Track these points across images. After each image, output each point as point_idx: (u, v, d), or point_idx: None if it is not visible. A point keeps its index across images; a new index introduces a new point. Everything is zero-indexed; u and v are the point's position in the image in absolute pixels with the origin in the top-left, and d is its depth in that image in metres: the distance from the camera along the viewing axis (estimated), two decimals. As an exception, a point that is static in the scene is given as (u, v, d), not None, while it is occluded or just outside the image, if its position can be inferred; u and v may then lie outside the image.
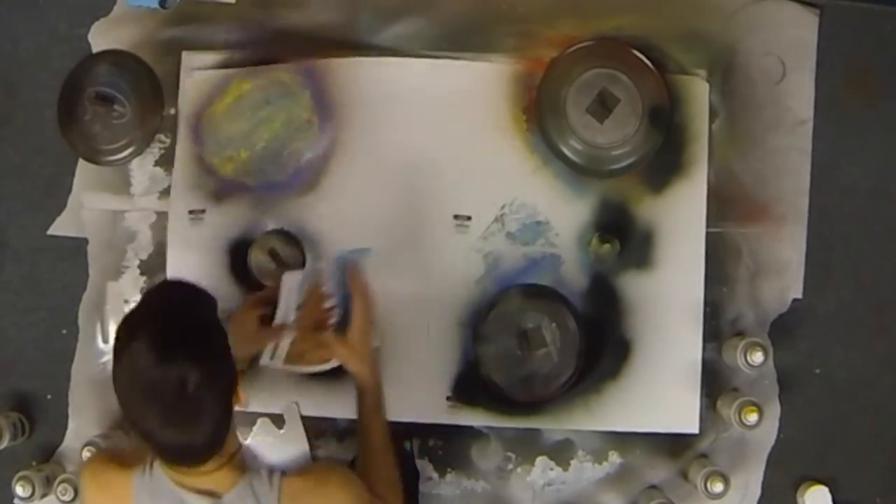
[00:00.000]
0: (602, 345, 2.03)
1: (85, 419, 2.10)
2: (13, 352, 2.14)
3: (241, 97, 2.07)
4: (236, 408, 1.48)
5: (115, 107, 2.02)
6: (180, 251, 2.07)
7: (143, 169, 2.11)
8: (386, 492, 1.69)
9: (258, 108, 2.07)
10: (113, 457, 1.58)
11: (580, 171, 2.02)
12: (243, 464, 1.53)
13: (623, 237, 2.00)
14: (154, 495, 1.49)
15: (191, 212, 2.07)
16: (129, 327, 1.42)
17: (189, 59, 2.09)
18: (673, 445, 2.05)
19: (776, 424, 2.06)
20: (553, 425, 2.05)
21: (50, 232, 2.13)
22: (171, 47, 2.09)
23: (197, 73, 2.09)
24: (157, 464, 1.50)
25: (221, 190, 2.07)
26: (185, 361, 1.36)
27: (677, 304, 2.03)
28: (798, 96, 2.07)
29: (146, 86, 2.03)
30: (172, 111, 2.09)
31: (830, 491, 2.03)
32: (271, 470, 1.53)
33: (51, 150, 2.12)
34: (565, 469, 2.07)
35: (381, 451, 1.74)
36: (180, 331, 1.40)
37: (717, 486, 1.94)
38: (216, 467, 1.48)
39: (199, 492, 1.48)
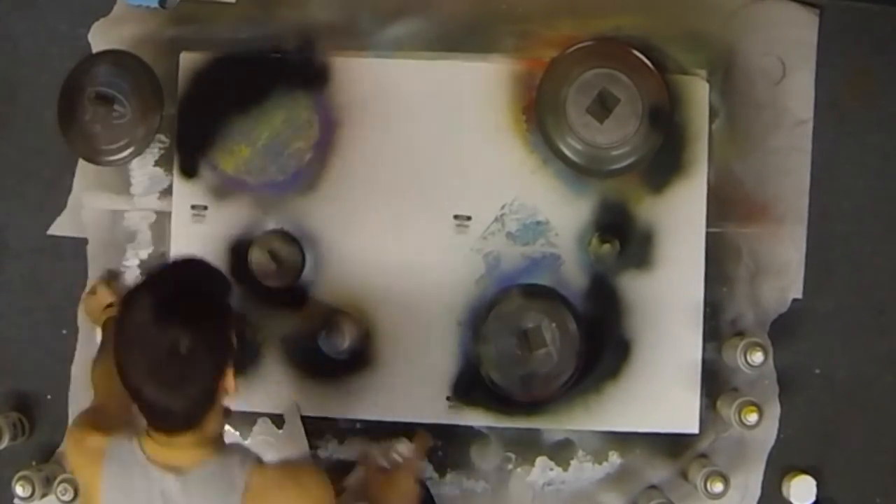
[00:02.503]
0: (602, 345, 2.03)
1: (85, 419, 2.10)
2: (13, 352, 2.14)
3: (237, 83, 2.07)
4: (225, 398, 1.51)
5: (115, 107, 2.01)
6: (183, 249, 2.07)
7: (143, 169, 2.11)
8: None
9: (256, 100, 2.07)
10: (97, 418, 1.61)
11: (580, 171, 2.02)
12: (219, 447, 1.54)
13: (623, 237, 2.01)
14: (124, 465, 1.51)
15: (193, 207, 2.07)
16: (141, 286, 1.51)
17: (188, 59, 2.09)
18: (673, 445, 2.05)
19: (776, 424, 2.06)
20: (553, 425, 2.05)
21: (50, 232, 2.13)
22: (171, 47, 2.10)
23: (192, 54, 2.09)
24: (137, 440, 1.51)
25: (223, 187, 2.07)
26: (181, 326, 1.43)
27: (677, 304, 2.03)
28: (798, 96, 2.07)
29: (146, 86, 2.03)
30: (172, 111, 2.09)
31: (831, 491, 2.03)
32: (245, 456, 1.54)
33: (51, 150, 2.12)
34: (565, 469, 2.07)
35: None
36: (185, 297, 1.48)
37: (717, 486, 1.94)
38: (191, 443, 1.50)
39: (167, 467, 1.50)
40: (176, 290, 1.50)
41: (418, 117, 2.06)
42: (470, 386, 2.03)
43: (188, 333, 1.43)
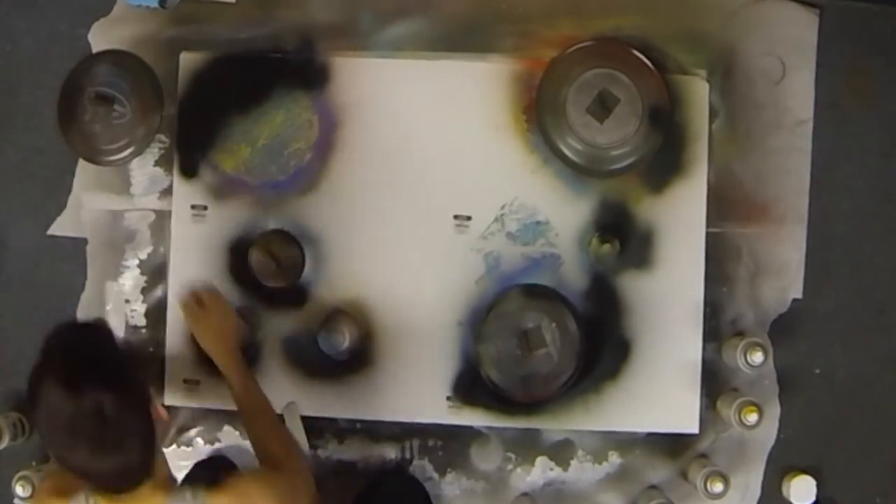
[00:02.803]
0: (602, 345, 2.03)
1: (85, 419, 2.10)
2: (13, 352, 2.14)
3: (237, 83, 2.07)
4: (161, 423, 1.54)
5: (115, 107, 2.01)
6: (183, 249, 2.07)
7: (143, 169, 2.11)
8: (283, 458, 1.72)
9: (256, 100, 2.07)
10: (60, 482, 1.58)
11: (580, 171, 2.02)
12: (170, 486, 1.55)
13: (623, 237, 2.01)
14: None
15: (193, 207, 2.07)
16: (38, 375, 1.46)
17: (188, 59, 2.09)
18: (673, 445, 2.05)
19: (776, 424, 2.06)
20: (553, 425, 2.05)
21: (50, 232, 2.13)
22: (171, 47, 2.10)
23: (192, 54, 2.09)
24: (94, 499, 1.51)
25: (223, 187, 2.08)
26: (94, 389, 1.41)
27: (677, 304, 2.03)
28: (798, 96, 2.07)
29: (146, 86, 2.02)
30: (172, 111, 2.09)
31: (831, 491, 2.03)
32: (194, 489, 1.54)
33: (51, 150, 2.12)
34: (565, 469, 2.07)
35: (262, 427, 1.79)
36: (83, 363, 1.45)
37: (717, 486, 1.94)
38: (151, 491, 1.50)
39: None
40: (70, 361, 1.46)
41: (418, 117, 2.06)
42: (470, 386, 2.03)
43: (104, 394, 1.41)
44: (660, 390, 2.03)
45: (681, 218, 2.04)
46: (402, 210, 2.05)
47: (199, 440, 2.08)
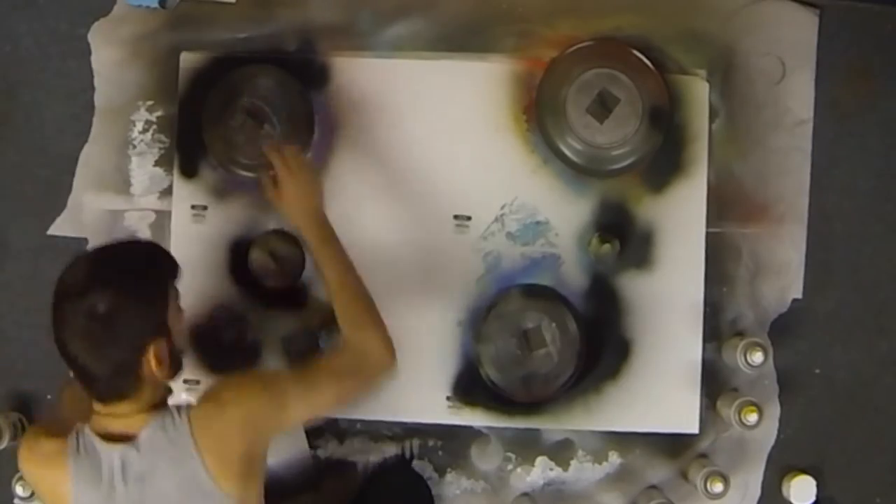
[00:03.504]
0: (602, 345, 2.03)
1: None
2: (13, 352, 2.13)
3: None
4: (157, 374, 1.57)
5: (266, 125, 1.97)
6: (183, 249, 2.06)
7: (143, 169, 2.11)
8: (366, 330, 1.75)
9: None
10: (47, 428, 1.65)
11: (580, 171, 2.02)
12: (159, 409, 1.60)
13: (623, 237, 2.01)
14: (86, 454, 1.55)
15: (193, 207, 2.07)
16: (86, 252, 1.62)
17: (188, 59, 2.09)
18: (673, 445, 2.06)
19: (776, 424, 2.06)
20: (553, 425, 2.05)
21: (50, 232, 2.12)
22: (171, 47, 2.09)
23: (192, 54, 2.09)
24: (88, 425, 1.58)
25: (223, 186, 2.07)
26: (103, 289, 1.52)
27: (677, 304, 2.03)
28: (798, 96, 2.07)
29: (301, 116, 2.00)
30: (173, 111, 2.09)
31: (831, 491, 2.03)
32: (179, 406, 1.60)
33: (51, 150, 2.12)
34: (565, 469, 2.07)
35: (343, 289, 1.79)
36: (115, 265, 1.58)
37: (717, 486, 1.94)
38: (131, 412, 1.57)
39: (118, 438, 1.55)
40: (111, 258, 1.60)
41: (418, 117, 2.06)
42: (470, 386, 2.03)
43: (108, 297, 1.51)
44: (660, 390, 2.03)
45: (681, 218, 2.04)
46: (402, 210, 2.05)
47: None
